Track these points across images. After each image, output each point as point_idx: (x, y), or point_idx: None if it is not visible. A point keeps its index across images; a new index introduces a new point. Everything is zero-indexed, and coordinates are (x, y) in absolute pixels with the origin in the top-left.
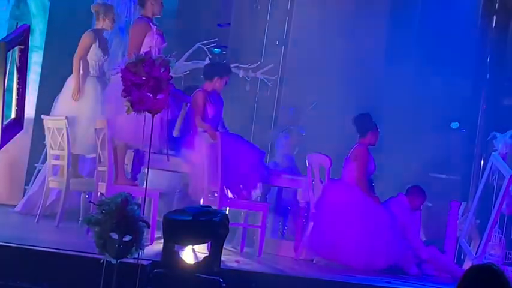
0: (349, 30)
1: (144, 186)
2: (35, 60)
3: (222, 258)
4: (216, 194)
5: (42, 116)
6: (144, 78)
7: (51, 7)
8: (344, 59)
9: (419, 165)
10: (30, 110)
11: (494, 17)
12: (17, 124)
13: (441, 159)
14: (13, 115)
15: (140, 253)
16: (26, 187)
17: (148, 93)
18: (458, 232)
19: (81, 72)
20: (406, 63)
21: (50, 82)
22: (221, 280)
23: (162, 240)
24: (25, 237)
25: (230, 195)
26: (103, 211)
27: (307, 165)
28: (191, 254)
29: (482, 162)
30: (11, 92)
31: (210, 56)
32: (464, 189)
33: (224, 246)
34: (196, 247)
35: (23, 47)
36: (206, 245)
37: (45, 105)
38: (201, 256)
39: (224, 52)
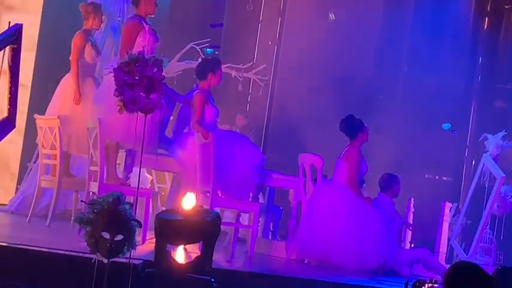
0: (341, 30)
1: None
2: None
3: (214, 258)
4: (208, 194)
5: (35, 116)
6: (136, 77)
7: (44, 7)
8: (336, 60)
9: (411, 166)
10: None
11: (486, 18)
12: (9, 122)
13: (433, 160)
14: (6, 113)
15: (132, 252)
16: (18, 186)
17: (141, 93)
18: (450, 233)
19: None
20: (397, 65)
21: (42, 82)
22: (212, 280)
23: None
24: (16, 236)
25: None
26: (95, 210)
27: (299, 165)
28: (183, 253)
29: (473, 163)
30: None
31: (203, 56)
32: (455, 190)
33: (215, 246)
34: (188, 247)
35: (15, 46)
36: (198, 244)
37: (37, 104)
38: (193, 256)
39: (217, 52)
